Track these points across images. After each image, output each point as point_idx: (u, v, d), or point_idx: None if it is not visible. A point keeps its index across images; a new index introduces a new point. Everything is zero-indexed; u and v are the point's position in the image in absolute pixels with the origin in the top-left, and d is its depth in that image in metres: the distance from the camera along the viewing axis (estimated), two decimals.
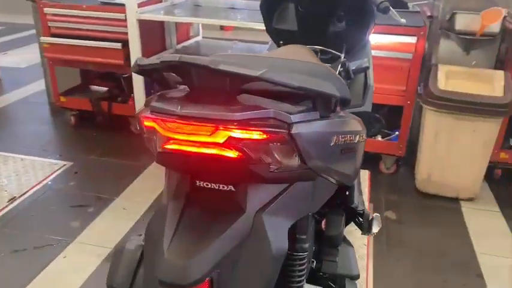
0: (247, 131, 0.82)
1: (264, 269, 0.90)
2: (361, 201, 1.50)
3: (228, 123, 0.81)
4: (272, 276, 0.91)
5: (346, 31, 1.69)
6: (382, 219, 1.50)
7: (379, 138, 3.04)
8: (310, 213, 1.08)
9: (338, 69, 1.50)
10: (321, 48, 1.66)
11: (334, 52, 1.66)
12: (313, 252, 1.26)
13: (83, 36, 3.24)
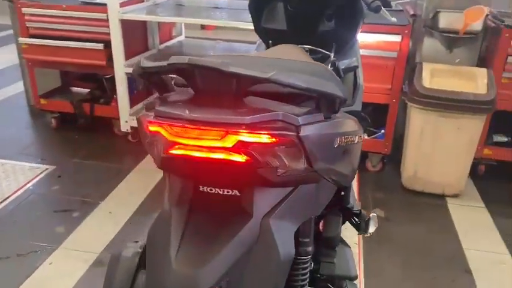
0: (257, 135, 0.81)
1: (272, 275, 0.88)
2: (356, 201, 1.50)
3: (238, 127, 0.80)
4: (281, 283, 0.90)
5: (336, 30, 1.68)
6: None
7: (365, 136, 3.05)
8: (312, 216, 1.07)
9: None
10: (311, 47, 1.65)
11: (324, 51, 1.65)
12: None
13: (63, 37, 3.16)
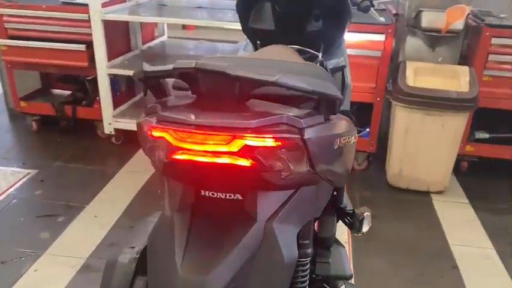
0: (263, 139, 0.80)
1: (277, 279, 0.88)
2: (349, 201, 1.50)
3: (245, 131, 0.79)
4: (286, 286, 0.89)
5: (324, 30, 1.69)
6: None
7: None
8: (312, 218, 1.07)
9: None
10: (299, 47, 1.65)
11: (312, 51, 1.65)
12: None
13: (43, 38, 3.10)
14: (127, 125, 3.19)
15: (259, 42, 1.76)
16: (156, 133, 0.86)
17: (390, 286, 2.10)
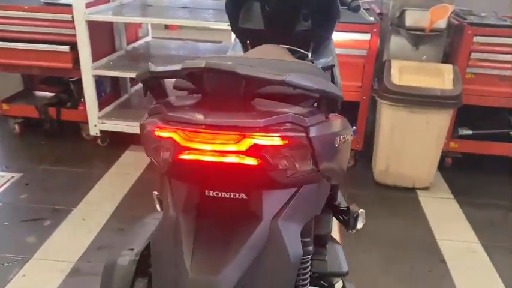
0: (270, 138, 0.80)
1: (283, 276, 0.89)
2: (343, 198, 1.52)
3: (253, 130, 0.79)
4: (292, 284, 0.90)
5: (313, 30, 1.70)
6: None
7: None
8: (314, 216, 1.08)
9: None
10: (289, 47, 1.66)
11: (302, 51, 1.66)
12: None
13: (26, 39, 3.05)
14: (113, 126, 3.16)
15: (248, 41, 1.76)
16: (163, 133, 0.86)
17: (380, 282, 2.13)
